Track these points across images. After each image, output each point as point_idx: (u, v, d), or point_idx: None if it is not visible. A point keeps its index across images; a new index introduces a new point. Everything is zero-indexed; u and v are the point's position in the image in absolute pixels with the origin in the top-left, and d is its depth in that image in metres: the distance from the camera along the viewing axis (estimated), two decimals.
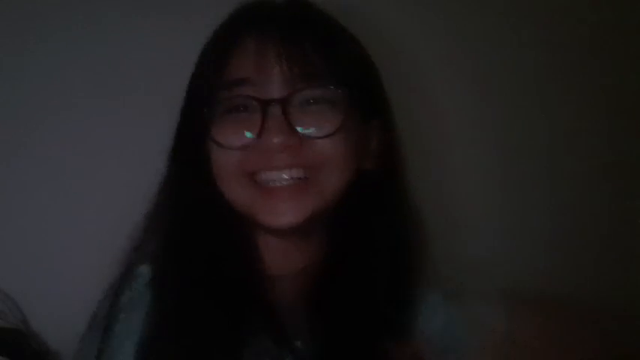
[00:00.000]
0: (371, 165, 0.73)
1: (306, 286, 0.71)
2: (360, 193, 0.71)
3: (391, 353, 0.70)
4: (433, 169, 1.03)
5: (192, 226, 0.70)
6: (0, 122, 0.88)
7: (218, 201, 0.69)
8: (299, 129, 0.65)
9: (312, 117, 0.66)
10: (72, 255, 0.86)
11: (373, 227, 0.73)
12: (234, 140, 0.67)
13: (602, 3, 1.12)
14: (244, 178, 0.67)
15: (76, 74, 0.89)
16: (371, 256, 0.72)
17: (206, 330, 0.65)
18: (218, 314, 0.66)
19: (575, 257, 1.10)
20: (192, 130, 0.70)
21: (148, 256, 0.71)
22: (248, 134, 0.66)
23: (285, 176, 0.66)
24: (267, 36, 0.67)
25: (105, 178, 0.88)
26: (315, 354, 0.68)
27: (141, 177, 0.75)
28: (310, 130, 0.66)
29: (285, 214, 0.66)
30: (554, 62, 1.10)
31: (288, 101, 0.66)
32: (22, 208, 0.88)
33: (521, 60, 1.09)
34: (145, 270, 0.69)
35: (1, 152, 0.87)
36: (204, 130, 0.68)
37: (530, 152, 1.10)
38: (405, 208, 0.74)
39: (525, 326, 0.79)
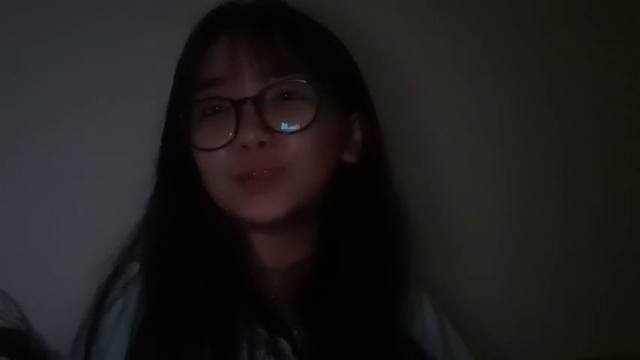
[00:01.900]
0: (355, 158, 0.74)
1: (299, 279, 0.72)
2: (346, 187, 0.72)
3: (384, 346, 0.71)
4: (432, 172, 1.03)
5: (181, 222, 0.71)
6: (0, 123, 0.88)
7: (207, 199, 0.71)
8: (272, 125, 0.66)
9: (285, 113, 0.67)
10: (72, 255, 0.86)
11: (360, 220, 0.74)
12: (212, 142, 0.67)
13: (601, 3, 1.12)
14: (229, 180, 0.68)
15: (75, 76, 0.89)
16: (359, 249, 0.73)
17: (198, 321, 0.66)
18: (209, 305, 0.67)
19: (575, 259, 1.10)
20: (174, 133, 0.71)
21: (138, 255, 0.72)
22: (221, 139, 0.66)
23: (260, 172, 0.67)
24: (239, 35, 0.68)
25: (105, 179, 0.88)
26: (312, 343, 0.69)
27: (142, 178, 0.75)
28: (283, 126, 0.66)
29: (265, 207, 0.67)
30: (554, 62, 1.11)
31: (261, 98, 0.66)
32: (22, 208, 0.88)
33: (521, 60, 1.09)
34: (133, 267, 0.70)
35: (1, 153, 0.87)
36: (184, 133, 0.69)
37: (530, 154, 1.10)
38: (390, 200, 0.75)
39: None
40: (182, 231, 0.71)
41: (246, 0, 0.73)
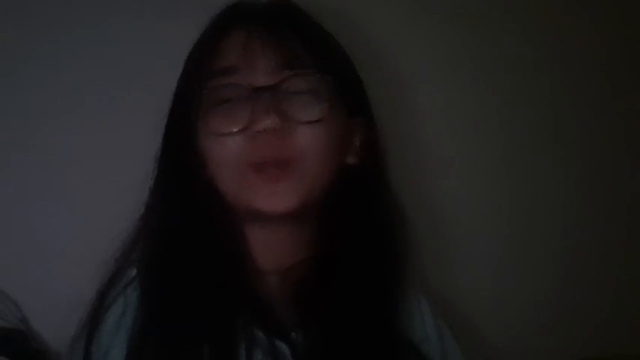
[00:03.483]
0: (354, 161, 0.75)
1: (297, 282, 0.72)
2: (345, 189, 0.73)
3: (384, 348, 0.71)
4: (431, 173, 1.04)
5: (180, 223, 0.71)
6: (0, 123, 0.88)
7: (208, 197, 0.71)
8: (289, 114, 0.68)
9: (299, 104, 0.69)
10: (72, 255, 0.86)
11: (359, 221, 0.74)
12: (227, 127, 0.68)
13: (601, 3, 1.12)
14: (242, 168, 0.68)
15: (75, 76, 0.89)
16: (358, 250, 0.73)
17: (195, 324, 0.66)
18: (207, 308, 0.67)
19: (575, 259, 1.11)
20: (182, 123, 0.72)
21: (136, 258, 0.72)
22: (236, 124, 0.67)
23: (275, 160, 0.68)
24: (253, 28, 0.70)
25: (105, 179, 0.88)
26: (311, 345, 0.69)
27: (142, 177, 0.75)
28: (299, 115, 0.68)
29: (277, 198, 0.67)
30: (554, 62, 1.11)
31: (277, 88, 0.68)
32: (23, 208, 0.88)
33: (521, 60, 1.09)
34: (131, 271, 0.70)
35: (2, 153, 0.87)
36: (194, 122, 0.70)
37: (529, 155, 1.10)
38: (388, 203, 0.76)
39: None
40: (180, 232, 0.71)
41: None
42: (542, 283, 1.09)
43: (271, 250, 0.72)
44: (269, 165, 0.67)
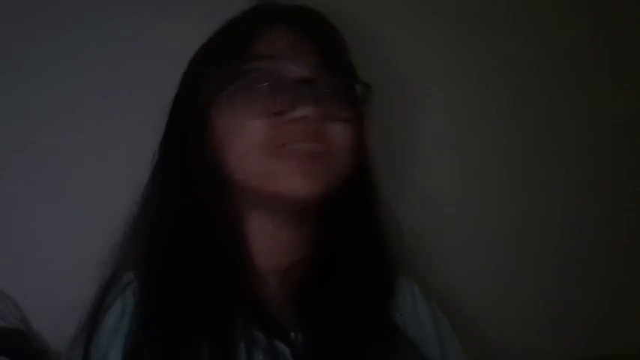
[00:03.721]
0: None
1: (296, 282, 0.72)
2: (342, 191, 0.73)
3: (382, 348, 0.71)
4: (432, 172, 1.03)
5: (179, 222, 0.71)
6: (0, 123, 0.88)
7: (208, 193, 0.71)
8: (328, 108, 0.70)
9: (333, 102, 0.71)
10: (72, 255, 0.86)
11: (354, 224, 0.75)
12: (258, 111, 0.69)
13: (601, 3, 1.12)
14: (269, 151, 0.69)
15: (75, 76, 0.89)
16: (354, 252, 0.74)
17: (195, 326, 0.66)
18: (206, 310, 0.67)
19: (575, 259, 1.11)
20: (194, 108, 0.72)
21: (135, 259, 0.72)
22: (270, 109, 0.68)
23: (309, 148, 0.69)
24: (291, 26, 0.73)
25: (106, 179, 0.88)
26: (311, 345, 0.69)
27: (143, 177, 0.75)
28: (333, 111, 0.70)
29: (303, 181, 0.68)
30: (554, 63, 1.11)
31: (318, 83, 0.70)
32: (23, 208, 0.88)
33: (521, 61, 1.09)
34: (131, 273, 0.70)
35: (2, 153, 0.87)
36: (207, 109, 0.70)
37: (530, 154, 1.10)
38: (379, 205, 0.78)
39: None
40: (180, 232, 0.71)
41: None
42: (542, 283, 1.09)
43: (270, 250, 0.72)
44: (299, 151, 0.68)
